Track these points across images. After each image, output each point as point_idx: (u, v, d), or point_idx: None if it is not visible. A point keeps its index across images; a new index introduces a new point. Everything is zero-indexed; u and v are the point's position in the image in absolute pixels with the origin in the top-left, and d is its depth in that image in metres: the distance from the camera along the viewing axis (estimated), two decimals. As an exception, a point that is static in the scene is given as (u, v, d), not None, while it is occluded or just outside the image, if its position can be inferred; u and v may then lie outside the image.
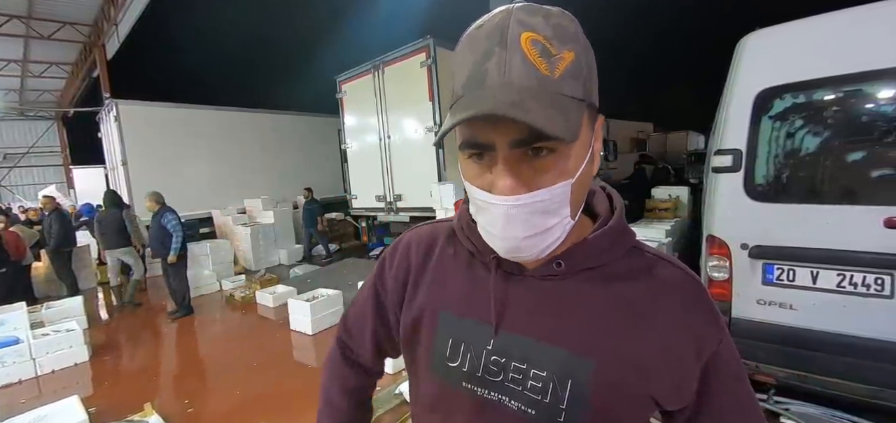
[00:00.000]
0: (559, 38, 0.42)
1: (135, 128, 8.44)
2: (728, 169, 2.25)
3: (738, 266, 2.28)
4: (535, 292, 0.53)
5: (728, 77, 2.37)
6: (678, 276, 0.53)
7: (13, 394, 3.57)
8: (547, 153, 0.43)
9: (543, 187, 0.43)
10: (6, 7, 9.84)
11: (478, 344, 0.54)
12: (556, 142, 0.42)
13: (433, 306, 0.59)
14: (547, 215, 0.45)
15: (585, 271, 0.52)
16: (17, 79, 14.76)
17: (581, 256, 0.51)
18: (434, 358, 0.58)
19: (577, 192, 0.46)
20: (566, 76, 0.42)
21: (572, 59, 0.42)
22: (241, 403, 3.19)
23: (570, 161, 0.44)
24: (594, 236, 0.52)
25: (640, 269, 0.52)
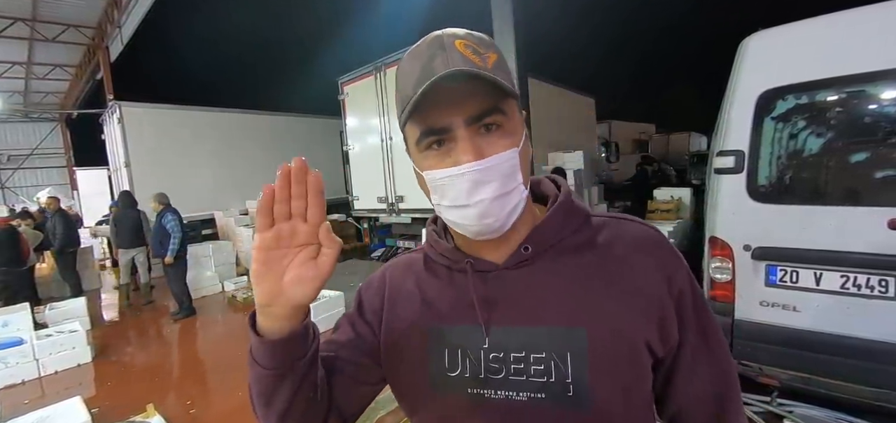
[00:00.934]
0: (482, 45, 0.51)
1: (138, 130, 8.48)
2: (730, 170, 2.24)
3: (740, 268, 2.27)
4: (513, 283, 0.55)
5: (730, 78, 2.37)
6: (636, 228, 0.58)
7: (16, 394, 3.58)
8: (495, 129, 0.50)
9: (497, 154, 0.50)
10: (11, 10, 9.90)
11: (474, 347, 0.55)
12: (502, 117, 0.50)
13: (420, 325, 0.59)
14: (507, 178, 0.50)
15: (552, 249, 0.56)
16: (22, 81, 14.85)
17: (542, 236, 0.56)
18: (433, 376, 0.57)
19: (523, 162, 0.52)
20: (495, 68, 0.49)
21: (496, 58, 0.51)
22: (243, 404, 3.19)
23: (514, 135, 0.51)
24: (549, 215, 0.57)
25: (600, 232, 0.57)
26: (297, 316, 0.49)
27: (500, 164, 0.50)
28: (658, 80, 20.83)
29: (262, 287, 0.46)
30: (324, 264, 0.46)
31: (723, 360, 0.58)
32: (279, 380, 0.51)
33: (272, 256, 0.45)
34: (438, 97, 0.48)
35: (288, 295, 0.45)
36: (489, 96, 0.49)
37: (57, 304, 5.15)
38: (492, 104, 0.49)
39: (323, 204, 0.45)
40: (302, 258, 0.46)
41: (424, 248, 0.66)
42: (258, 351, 0.50)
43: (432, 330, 0.58)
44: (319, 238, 0.45)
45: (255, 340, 0.50)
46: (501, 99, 0.50)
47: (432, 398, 0.57)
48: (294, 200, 0.44)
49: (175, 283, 5.27)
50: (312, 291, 0.46)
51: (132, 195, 6.12)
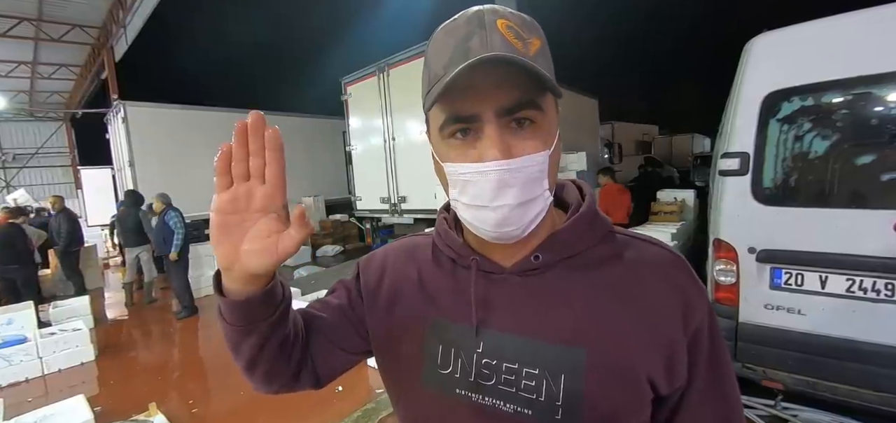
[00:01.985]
0: (526, 28, 0.46)
1: (142, 129, 8.51)
2: (735, 172, 2.23)
3: (745, 270, 2.26)
4: (518, 290, 0.52)
5: (735, 79, 2.35)
6: (659, 254, 0.53)
7: (20, 392, 3.60)
8: (528, 124, 0.46)
9: (527, 155, 0.45)
10: (17, 10, 9.96)
11: (468, 349, 0.53)
12: (538, 113, 0.46)
13: (418, 316, 0.57)
14: (534, 183, 0.46)
15: (565, 261, 0.52)
16: (27, 80, 14.94)
17: (558, 245, 0.52)
18: (426, 370, 0.56)
19: (553, 166, 0.48)
20: (537, 56, 0.45)
21: (540, 45, 0.46)
22: (245, 403, 3.19)
23: (547, 134, 0.47)
24: (568, 224, 0.53)
25: (619, 252, 0.53)
26: (258, 282, 0.47)
27: (529, 167, 0.45)
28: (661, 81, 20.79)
29: (218, 252, 0.45)
30: (285, 245, 0.43)
31: (732, 408, 0.53)
32: (244, 335, 0.51)
33: (229, 220, 0.43)
34: (470, 82, 0.43)
35: (243, 263, 0.44)
36: (526, 88, 0.44)
37: (61, 302, 5.17)
38: (528, 97, 0.45)
39: (281, 162, 0.43)
40: (262, 230, 0.43)
41: (433, 235, 0.63)
42: (222, 307, 0.50)
43: (430, 323, 0.56)
44: (292, 219, 0.43)
45: (217, 296, 0.50)
46: (539, 93, 0.45)
47: (421, 391, 0.56)
48: (252, 158, 0.42)
49: (177, 281, 5.29)
50: (270, 264, 0.44)
51: (137, 194, 6.15)
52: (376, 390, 3.14)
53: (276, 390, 0.59)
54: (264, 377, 0.56)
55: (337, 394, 3.15)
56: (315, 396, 3.18)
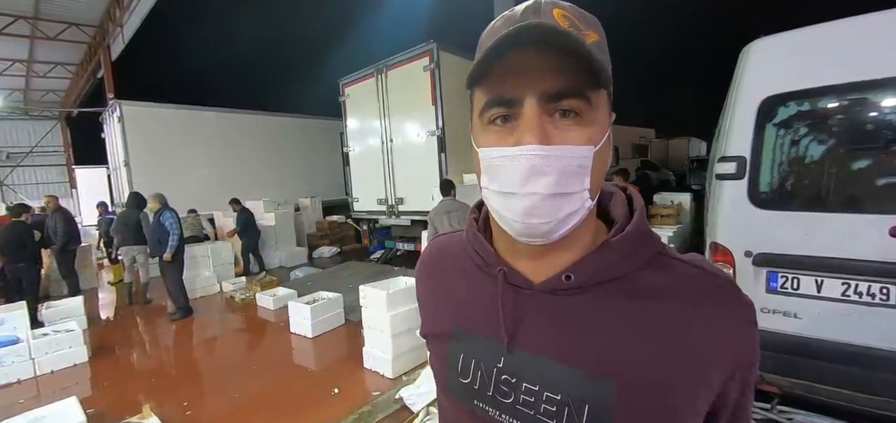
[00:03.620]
0: (584, 20, 0.44)
1: (138, 129, 8.47)
2: (732, 176, 2.24)
3: (741, 274, 2.26)
4: (547, 308, 0.48)
5: (732, 84, 2.37)
6: (714, 284, 0.46)
7: (12, 394, 3.56)
8: (573, 116, 0.43)
9: (567, 145, 0.42)
10: (12, 7, 9.90)
11: (488, 362, 0.51)
12: (585, 105, 0.43)
13: (445, 320, 0.57)
14: (571, 177, 0.42)
15: (602, 285, 0.46)
16: (22, 78, 14.84)
17: (595, 267, 0.46)
18: (449, 378, 0.56)
19: (598, 166, 0.44)
20: (593, 46, 0.42)
21: (597, 39, 0.44)
22: (240, 405, 3.17)
23: (593, 130, 0.43)
24: (610, 243, 0.47)
25: (668, 278, 0.46)
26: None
27: (568, 157, 0.42)
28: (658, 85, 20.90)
29: None
30: None
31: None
32: None
33: None
34: (514, 64, 0.42)
35: None
36: (574, 74, 0.41)
37: (54, 303, 5.13)
38: (575, 85, 0.41)
39: None
40: None
41: (462, 235, 0.62)
42: None
43: (455, 330, 0.55)
44: None
45: None
46: (589, 84, 0.42)
47: (447, 398, 0.57)
48: None
49: (172, 281, 5.26)
50: None
51: (140, 196, 6.11)
52: (373, 392, 3.12)
53: None
54: None
55: (333, 396, 3.13)
56: (311, 397, 3.16)
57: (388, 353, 3.31)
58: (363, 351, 3.53)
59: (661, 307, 0.45)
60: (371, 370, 3.45)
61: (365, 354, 3.52)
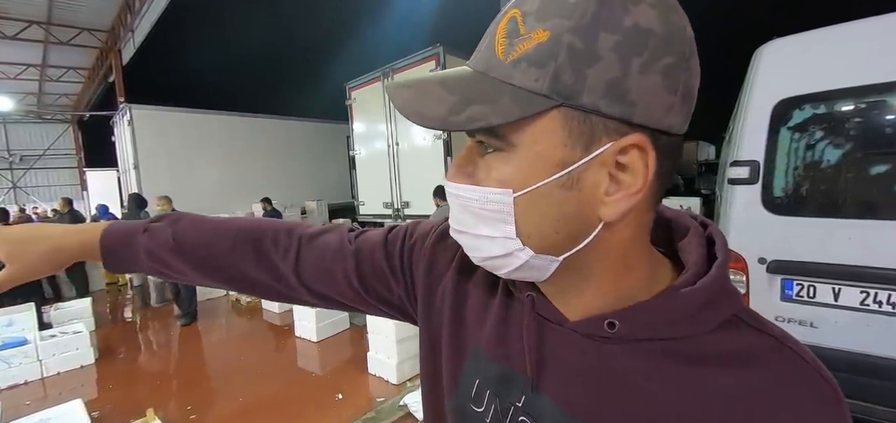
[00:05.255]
0: (541, 12, 0.32)
1: (147, 132, 8.56)
2: (745, 181, 2.18)
3: (755, 281, 2.20)
4: (578, 352, 0.40)
5: (744, 86, 2.31)
6: (799, 372, 0.35)
7: (19, 395, 3.58)
8: (493, 152, 0.36)
9: (468, 185, 0.37)
10: (27, 13, 10.08)
11: (505, 397, 0.44)
12: (497, 141, 0.35)
13: (466, 337, 0.50)
14: (478, 219, 0.37)
15: (654, 343, 0.37)
16: (36, 83, 15.11)
17: (646, 320, 0.37)
18: (457, 398, 0.49)
19: (529, 214, 0.35)
20: (521, 61, 0.32)
21: (542, 40, 0.32)
22: (244, 409, 3.15)
23: (513, 169, 0.35)
24: (671, 296, 0.36)
25: (738, 351, 0.36)
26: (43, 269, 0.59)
27: (465, 197, 0.37)
28: (666, 88, 20.77)
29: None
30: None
31: None
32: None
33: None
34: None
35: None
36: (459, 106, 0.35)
37: (62, 304, 5.17)
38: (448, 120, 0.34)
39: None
40: None
41: None
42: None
43: (471, 352, 0.48)
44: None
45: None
46: (497, 114, 0.33)
47: (449, 414, 0.51)
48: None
49: (184, 286, 5.29)
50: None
51: (140, 197, 6.18)
52: (377, 398, 3.09)
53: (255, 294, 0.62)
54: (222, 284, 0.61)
55: (337, 401, 3.11)
56: (315, 402, 3.13)
57: (393, 358, 3.28)
58: (368, 356, 3.50)
59: (723, 386, 0.34)
60: (375, 376, 3.42)
61: (369, 359, 3.50)
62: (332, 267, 0.56)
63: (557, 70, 0.31)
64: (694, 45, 0.34)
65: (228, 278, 0.59)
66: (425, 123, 0.35)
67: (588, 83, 0.31)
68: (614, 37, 0.31)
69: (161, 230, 0.59)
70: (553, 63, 0.31)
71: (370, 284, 0.56)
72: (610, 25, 0.31)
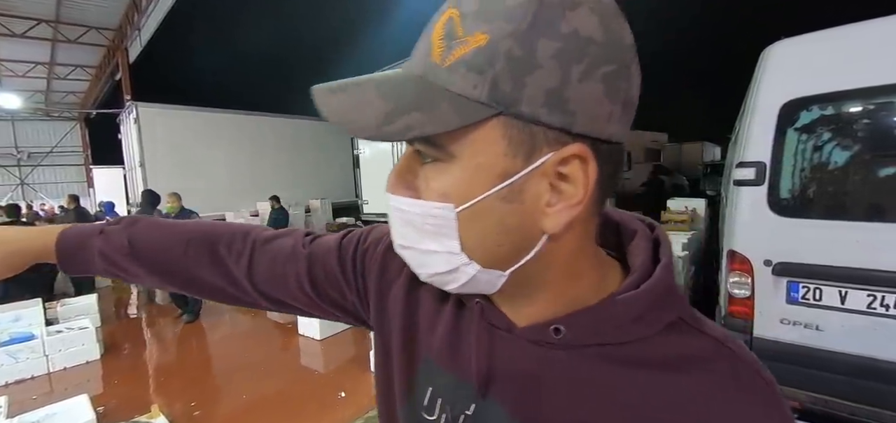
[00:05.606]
0: (480, 14, 0.31)
1: (153, 130, 8.62)
2: (751, 182, 2.17)
3: (760, 283, 2.19)
4: (526, 359, 0.39)
5: (750, 87, 2.30)
6: (739, 373, 0.35)
7: (25, 390, 3.62)
8: (432, 161, 0.34)
9: (420, 199, 0.35)
10: (35, 12, 10.18)
11: (455, 405, 0.43)
12: (436, 151, 0.33)
13: (418, 343, 0.49)
14: (421, 233, 0.36)
15: (599, 347, 0.37)
16: (43, 81, 15.25)
17: (590, 325, 0.37)
18: (410, 405, 0.48)
19: (473, 228, 0.34)
20: (458, 65, 0.31)
21: (480, 44, 0.30)
22: (248, 406, 3.17)
23: (454, 181, 0.33)
24: (615, 301, 0.36)
25: (682, 354, 0.36)
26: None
27: (406, 211, 0.36)
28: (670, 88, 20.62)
29: None
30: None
31: None
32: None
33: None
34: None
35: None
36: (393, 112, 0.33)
37: (68, 300, 5.21)
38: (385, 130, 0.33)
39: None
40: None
41: None
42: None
43: (423, 359, 0.48)
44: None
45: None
46: (433, 123, 0.31)
47: (399, 418, 0.50)
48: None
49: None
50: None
51: (154, 193, 6.19)
52: (379, 396, 3.10)
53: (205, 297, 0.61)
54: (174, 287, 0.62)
55: (340, 399, 3.11)
56: (318, 400, 3.14)
57: (396, 357, 3.29)
58: (370, 355, 3.51)
59: (667, 389, 0.35)
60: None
61: (372, 358, 3.50)
62: (285, 271, 0.55)
63: (496, 77, 0.30)
64: (634, 53, 0.33)
65: (183, 282, 0.59)
66: (357, 133, 0.33)
67: (527, 92, 0.30)
68: (554, 44, 0.30)
69: (116, 234, 0.59)
70: (492, 69, 0.30)
71: (323, 288, 0.55)
72: (550, 32, 0.30)
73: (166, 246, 0.58)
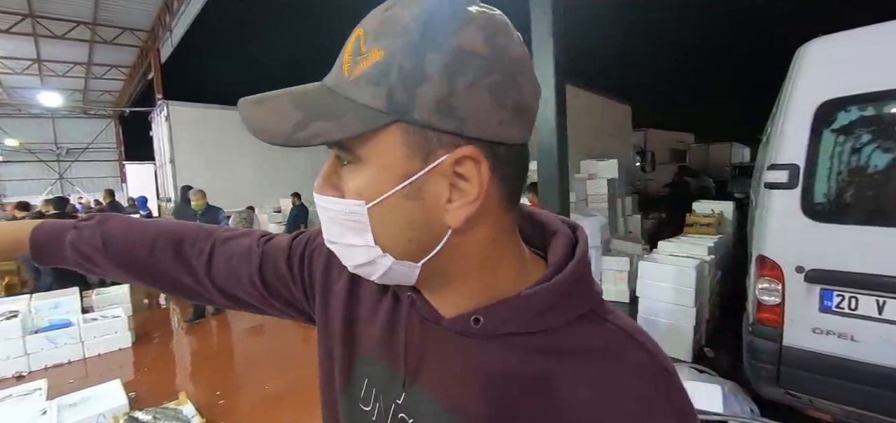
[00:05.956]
0: (379, 32, 0.35)
1: (183, 127, 8.92)
2: (783, 185, 2.09)
3: (791, 290, 2.11)
4: (449, 348, 0.42)
5: (784, 87, 2.22)
6: (642, 363, 0.37)
7: (63, 374, 3.81)
8: (348, 163, 0.38)
9: (328, 196, 0.39)
10: (75, 14, 10.67)
11: (387, 395, 0.46)
12: (347, 154, 0.37)
13: (357, 337, 0.52)
14: (343, 228, 0.39)
15: (516, 337, 0.39)
16: (82, 80, 15.98)
17: (504, 315, 0.39)
18: (346, 397, 0.51)
19: (384, 223, 0.37)
20: (361, 79, 0.35)
21: (377, 59, 0.34)
22: (269, 397, 3.25)
23: (364, 181, 0.37)
24: (526, 293, 0.39)
25: (591, 345, 0.38)
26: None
27: (327, 208, 0.39)
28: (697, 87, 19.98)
29: None
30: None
31: None
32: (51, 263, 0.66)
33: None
34: None
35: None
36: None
37: (103, 290, 5.45)
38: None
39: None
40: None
41: None
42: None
43: (360, 353, 0.50)
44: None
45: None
46: (341, 129, 0.35)
47: (333, 415, 0.53)
48: None
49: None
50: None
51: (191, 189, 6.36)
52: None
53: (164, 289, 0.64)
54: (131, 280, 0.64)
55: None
56: (337, 395, 3.20)
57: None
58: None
59: (574, 377, 0.37)
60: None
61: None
62: (239, 269, 0.59)
63: (391, 88, 0.33)
64: (524, 64, 0.36)
65: (152, 279, 0.62)
66: (271, 140, 0.36)
67: (419, 101, 0.33)
68: (441, 58, 0.33)
69: (89, 229, 0.62)
70: (387, 81, 0.33)
71: (273, 286, 0.58)
72: (437, 47, 0.33)
73: (135, 242, 0.61)
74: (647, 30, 14.04)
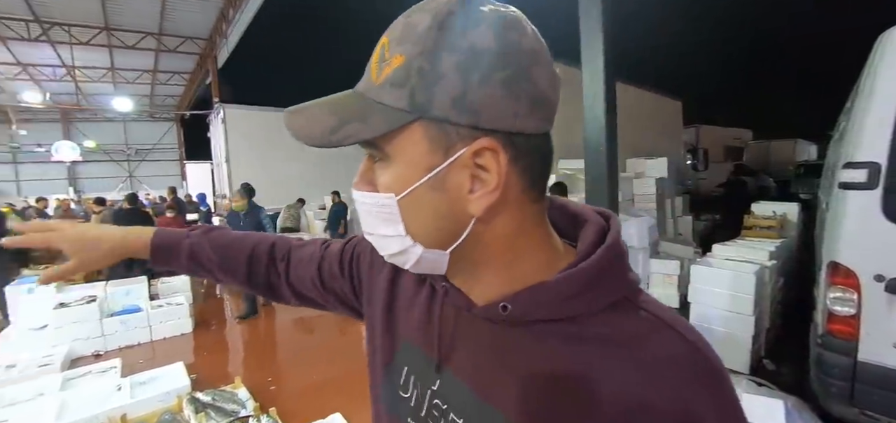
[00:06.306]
0: (399, 39, 0.38)
1: (238, 129, 9.46)
2: (862, 185, 1.91)
3: (869, 301, 1.92)
4: (483, 337, 0.44)
5: (862, 78, 2.02)
6: (679, 351, 0.37)
7: (133, 354, 4.17)
8: (380, 161, 0.41)
9: (365, 191, 0.43)
10: (144, 26, 11.65)
11: (424, 381, 0.49)
12: (377, 151, 0.40)
13: (397, 326, 0.55)
14: (378, 220, 0.42)
15: (544, 324, 0.40)
16: (148, 86, 17.40)
17: (531, 302, 0.40)
18: (387, 386, 0.54)
19: (413, 214, 0.40)
20: (386, 83, 0.38)
21: (399, 64, 0.37)
22: (317, 385, 3.40)
23: (393, 177, 0.40)
24: (553, 280, 0.40)
25: (622, 332, 0.38)
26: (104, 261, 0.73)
27: (361, 202, 0.43)
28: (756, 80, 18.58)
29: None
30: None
31: None
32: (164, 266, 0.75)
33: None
34: None
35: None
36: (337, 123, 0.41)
37: (167, 279, 5.89)
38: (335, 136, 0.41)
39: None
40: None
41: None
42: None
43: (402, 342, 0.53)
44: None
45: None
46: (370, 129, 0.38)
47: (380, 404, 0.56)
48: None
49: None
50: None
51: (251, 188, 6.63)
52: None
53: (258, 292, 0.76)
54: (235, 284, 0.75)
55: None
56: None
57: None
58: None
59: (606, 365, 0.37)
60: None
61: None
62: (305, 272, 0.69)
63: (412, 89, 0.36)
64: (537, 57, 0.38)
65: (244, 279, 0.73)
66: (311, 143, 0.40)
67: (436, 98, 0.36)
68: (455, 57, 0.35)
69: (200, 237, 0.74)
70: (409, 83, 0.37)
71: (329, 285, 0.67)
72: (450, 48, 0.36)
73: (238, 251, 0.73)
74: (700, 16, 13.20)
